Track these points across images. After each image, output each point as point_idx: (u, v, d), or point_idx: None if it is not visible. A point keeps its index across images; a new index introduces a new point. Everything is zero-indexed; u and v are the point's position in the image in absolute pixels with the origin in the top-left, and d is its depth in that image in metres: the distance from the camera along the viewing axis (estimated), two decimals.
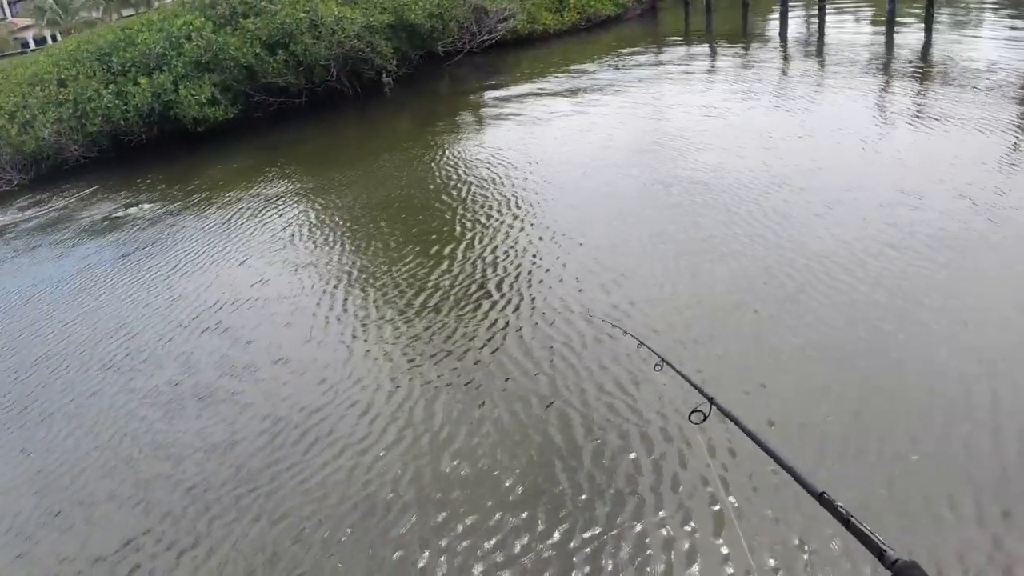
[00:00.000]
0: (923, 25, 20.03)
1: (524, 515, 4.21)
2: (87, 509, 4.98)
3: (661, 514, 4.06)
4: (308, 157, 14.00)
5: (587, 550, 3.92)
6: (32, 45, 49.92)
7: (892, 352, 5.13)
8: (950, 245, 6.60)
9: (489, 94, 17.21)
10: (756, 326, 5.72)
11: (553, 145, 12.04)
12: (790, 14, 24.82)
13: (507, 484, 4.49)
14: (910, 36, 19.19)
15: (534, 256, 7.71)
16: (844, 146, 10.30)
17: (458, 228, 8.84)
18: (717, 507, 4.06)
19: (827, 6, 24.17)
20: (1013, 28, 19.16)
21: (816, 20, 23.14)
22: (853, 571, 3.53)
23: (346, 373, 6.00)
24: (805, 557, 3.66)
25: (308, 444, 5.17)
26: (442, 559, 4.02)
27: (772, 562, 3.66)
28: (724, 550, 3.79)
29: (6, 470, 5.64)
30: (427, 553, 4.08)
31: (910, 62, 16.00)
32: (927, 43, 18.20)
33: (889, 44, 18.47)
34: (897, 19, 20.21)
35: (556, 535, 4.05)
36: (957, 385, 4.73)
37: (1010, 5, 24.07)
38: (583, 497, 4.27)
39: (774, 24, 23.81)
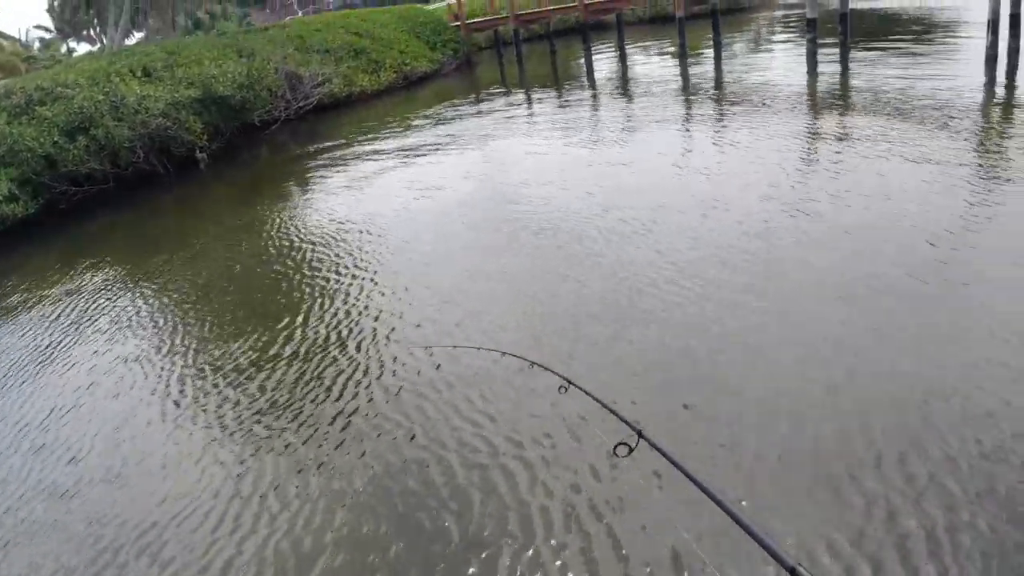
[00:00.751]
0: (713, 54, 21.63)
1: None
2: None
3: None
4: (124, 244, 13.13)
5: None
6: None
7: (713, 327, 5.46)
8: (761, 236, 7.40)
9: (311, 159, 16.91)
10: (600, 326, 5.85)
11: (382, 201, 11.91)
12: (597, 55, 26.20)
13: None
14: (703, 66, 20.65)
15: (377, 311, 7.52)
16: (658, 169, 10.93)
17: (293, 297, 8.46)
18: None
19: (627, 46, 25.73)
20: (796, 52, 20.97)
21: (618, 59, 24.53)
22: None
23: (186, 473, 5.46)
24: None
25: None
26: None
27: None
28: None
29: None
30: None
31: (704, 89, 17.19)
32: (718, 70, 19.65)
33: (685, 75, 19.78)
34: (689, 52, 21.75)
35: None
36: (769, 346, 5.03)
37: (783, 31, 26.47)
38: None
39: (582, 66, 25.02)
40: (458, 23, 30.41)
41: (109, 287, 10.39)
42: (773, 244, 7.26)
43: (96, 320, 9.15)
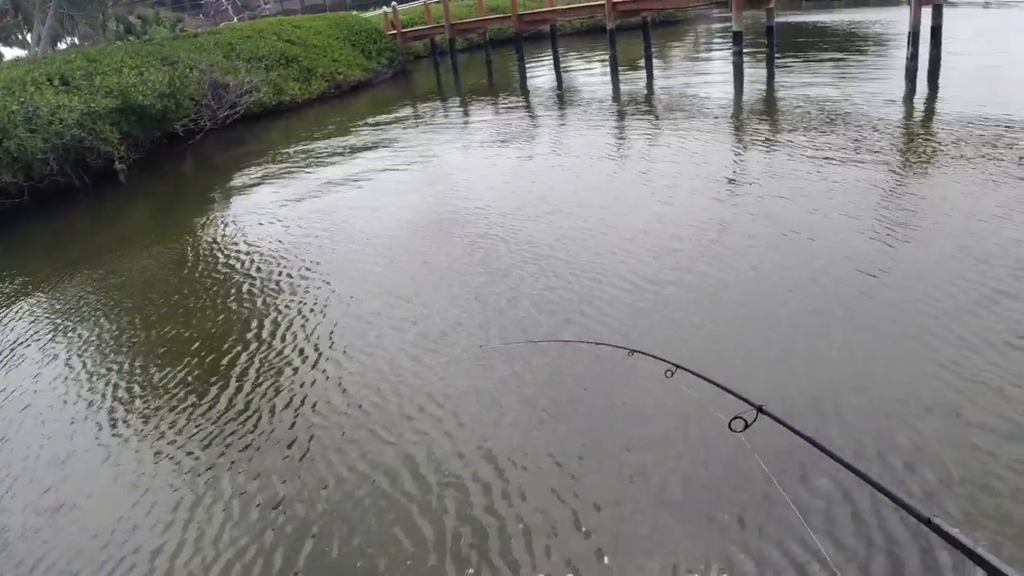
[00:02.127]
0: (644, 65, 21.85)
1: None
2: None
3: None
4: (35, 259, 12.63)
5: None
6: None
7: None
8: (700, 225, 7.72)
9: (236, 170, 16.52)
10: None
11: (314, 210, 11.70)
12: (533, 65, 26.28)
13: None
14: (633, 77, 20.86)
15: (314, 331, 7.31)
16: (598, 171, 11.24)
17: (229, 313, 8.20)
18: None
19: (562, 56, 25.86)
20: (725, 64, 21.30)
21: (552, 69, 24.65)
22: None
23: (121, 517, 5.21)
24: None
25: None
26: None
27: None
28: None
29: None
30: None
31: (632, 99, 17.34)
32: (648, 81, 19.86)
33: (616, 85, 19.95)
34: (622, 63, 21.95)
35: None
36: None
37: (715, 43, 26.91)
38: None
39: (517, 76, 25.06)
40: (394, 31, 30.22)
41: (14, 309, 9.95)
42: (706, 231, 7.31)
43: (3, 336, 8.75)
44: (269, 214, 12.04)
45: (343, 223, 10.78)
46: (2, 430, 6.41)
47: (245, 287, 8.90)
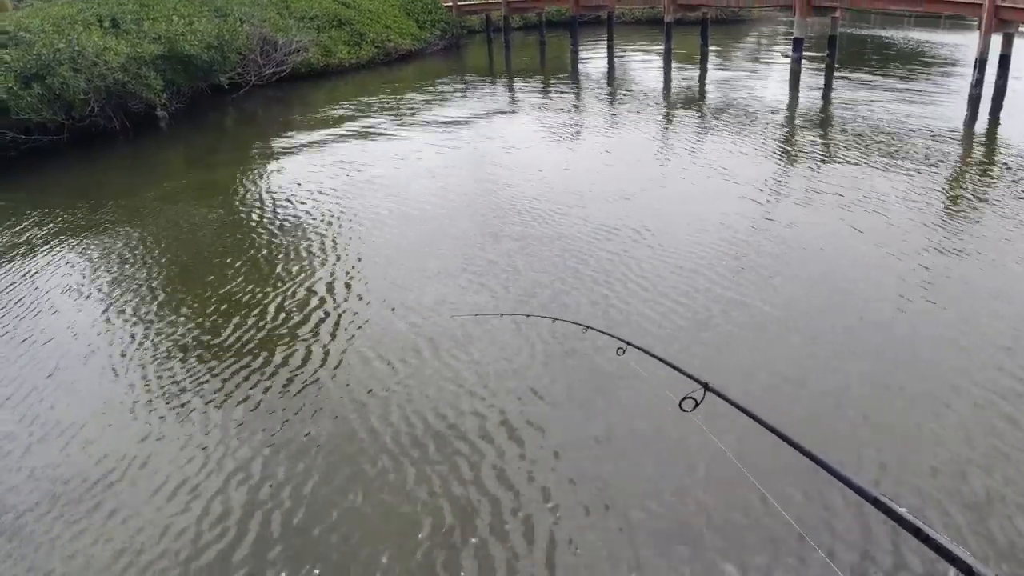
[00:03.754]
0: (699, 62, 21.35)
1: None
2: None
3: None
4: (71, 197, 12.64)
5: None
6: None
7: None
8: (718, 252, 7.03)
9: (277, 128, 16.46)
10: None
11: (347, 175, 11.61)
12: (585, 51, 25.83)
13: None
14: (686, 73, 20.37)
15: (362, 280, 7.19)
16: (636, 166, 11.04)
17: (246, 258, 8.23)
18: None
19: (616, 45, 25.38)
20: (783, 69, 20.73)
21: (605, 57, 24.19)
22: None
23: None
24: None
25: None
26: None
27: None
28: None
29: None
30: None
31: (683, 96, 16.91)
32: (701, 79, 19.38)
33: (668, 79, 19.50)
34: (676, 58, 21.46)
35: None
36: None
37: (775, 46, 26.26)
38: None
39: (568, 60, 24.66)
40: (450, 3, 29.86)
41: (51, 240, 9.97)
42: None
43: (38, 274, 8.75)
44: (303, 175, 12.05)
45: (374, 190, 10.76)
46: (46, 368, 6.42)
47: (275, 241, 9.01)
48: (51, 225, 10.75)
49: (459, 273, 7.45)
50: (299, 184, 11.49)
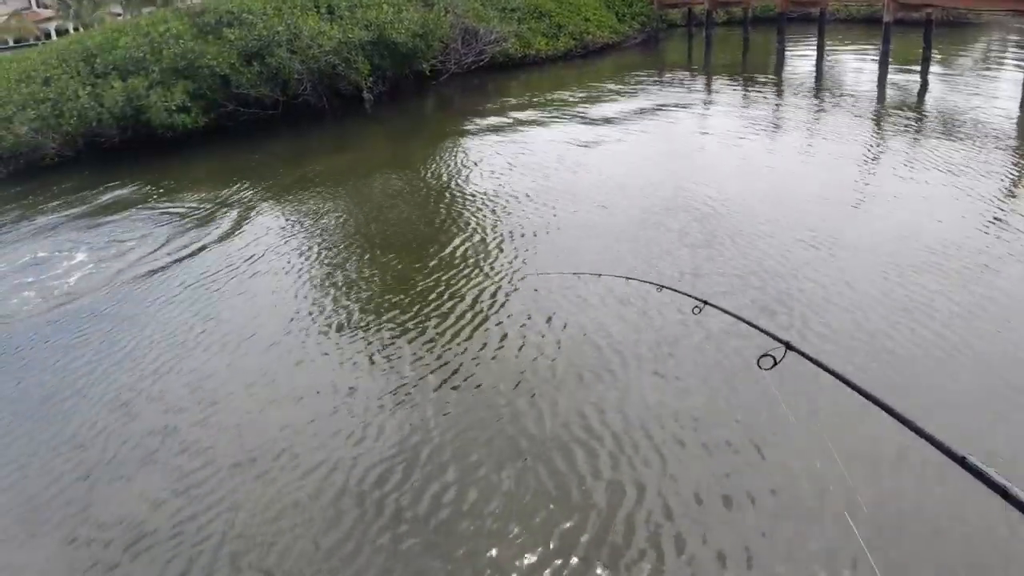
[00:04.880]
0: (920, 69, 19.59)
1: None
2: None
3: None
4: (284, 170, 13.62)
5: None
6: (54, 36, 49.09)
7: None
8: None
9: (473, 115, 16.84)
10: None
11: (538, 167, 11.70)
12: (792, 51, 24.51)
13: None
14: (905, 80, 18.76)
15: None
16: (840, 181, 10.25)
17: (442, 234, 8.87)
18: None
19: (827, 45, 23.83)
20: (1012, 78, 18.66)
21: (814, 58, 22.76)
22: None
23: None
24: None
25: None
26: None
27: None
28: None
29: None
30: None
31: (899, 107, 15.55)
32: (922, 87, 17.77)
33: (882, 86, 18.04)
34: (894, 62, 19.80)
35: None
36: None
37: (1012, 54, 23.67)
38: None
39: (773, 59, 23.48)
40: None
41: (260, 207, 11.09)
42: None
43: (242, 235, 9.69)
44: (497, 162, 12.35)
45: (563, 183, 10.81)
46: (246, 328, 7.04)
47: (462, 222, 9.44)
48: (263, 189, 11.90)
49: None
50: (494, 170, 11.91)
